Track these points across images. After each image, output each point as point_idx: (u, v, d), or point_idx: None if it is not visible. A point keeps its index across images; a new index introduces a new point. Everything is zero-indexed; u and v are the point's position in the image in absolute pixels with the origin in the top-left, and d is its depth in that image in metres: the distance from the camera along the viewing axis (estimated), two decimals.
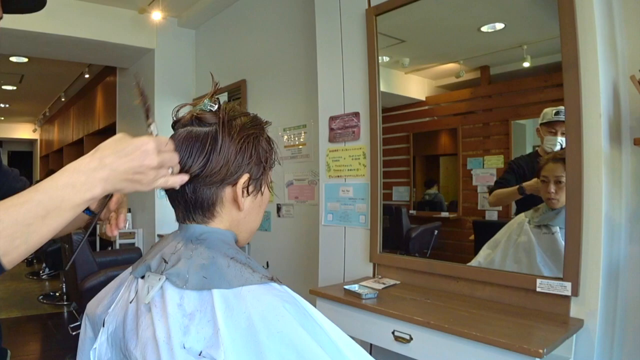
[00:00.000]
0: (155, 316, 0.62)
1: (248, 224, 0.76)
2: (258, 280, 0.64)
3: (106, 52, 4.42)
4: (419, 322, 1.53)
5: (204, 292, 0.62)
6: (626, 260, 1.56)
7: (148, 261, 0.71)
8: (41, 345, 3.79)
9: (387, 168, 2.26)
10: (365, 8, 2.26)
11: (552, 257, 1.65)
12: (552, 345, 1.29)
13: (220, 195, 0.70)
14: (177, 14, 4.24)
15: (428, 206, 2.36)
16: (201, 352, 0.57)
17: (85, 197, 0.59)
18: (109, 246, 4.94)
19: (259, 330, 0.57)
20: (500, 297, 1.71)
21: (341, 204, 2.42)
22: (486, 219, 1.98)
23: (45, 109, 9.71)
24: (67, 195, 0.58)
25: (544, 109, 1.73)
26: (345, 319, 1.79)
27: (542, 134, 1.74)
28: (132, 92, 0.75)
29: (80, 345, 0.80)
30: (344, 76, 2.40)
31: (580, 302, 1.49)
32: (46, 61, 5.32)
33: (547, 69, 1.77)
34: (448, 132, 2.27)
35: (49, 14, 3.67)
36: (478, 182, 1.99)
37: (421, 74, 2.32)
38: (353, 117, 2.35)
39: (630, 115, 1.56)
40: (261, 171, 0.73)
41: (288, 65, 3.19)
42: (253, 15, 3.58)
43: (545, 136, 1.73)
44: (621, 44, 1.57)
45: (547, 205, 1.72)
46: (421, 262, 2.03)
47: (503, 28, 1.94)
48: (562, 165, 1.56)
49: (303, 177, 3.03)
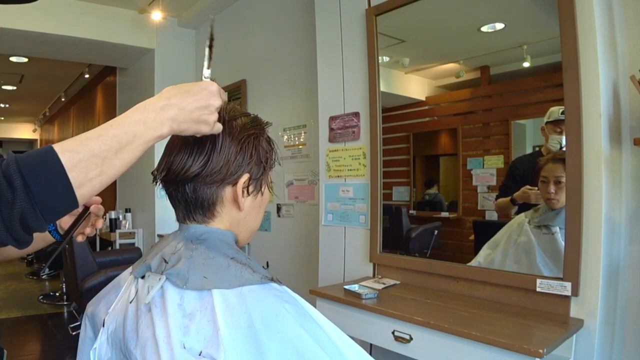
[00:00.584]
0: (155, 316, 0.62)
1: (248, 224, 0.76)
2: (258, 280, 0.64)
3: (106, 52, 4.42)
4: (419, 322, 1.53)
5: (204, 292, 0.62)
6: (626, 260, 1.56)
7: (148, 261, 0.71)
8: (41, 345, 3.79)
9: (387, 168, 2.26)
10: (365, 8, 2.26)
11: (552, 257, 1.65)
12: (552, 345, 1.29)
13: (221, 195, 0.70)
14: (177, 14, 4.24)
15: (428, 206, 2.36)
16: (201, 352, 0.57)
17: (155, 134, 0.61)
18: (109, 246, 4.94)
19: (259, 330, 0.57)
20: (500, 297, 1.71)
21: (341, 204, 2.42)
22: (486, 219, 1.98)
23: (45, 109, 9.71)
24: (139, 131, 0.59)
25: (550, 108, 1.72)
26: (345, 319, 1.79)
27: (547, 132, 1.74)
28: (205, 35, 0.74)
29: (80, 345, 0.80)
30: (344, 76, 2.40)
31: (580, 302, 1.49)
32: (46, 61, 5.32)
33: (547, 69, 1.77)
34: (448, 132, 2.27)
35: (49, 14, 3.67)
36: (478, 182, 1.99)
37: (421, 74, 2.32)
38: (353, 117, 2.35)
39: (630, 115, 1.56)
40: (261, 171, 0.73)
41: (288, 65, 3.19)
42: (253, 15, 3.58)
43: (550, 135, 1.72)
44: (621, 44, 1.57)
45: (547, 206, 1.72)
46: (421, 262, 2.03)
47: (503, 28, 1.94)
48: (562, 165, 1.56)
49: (303, 177, 3.03)
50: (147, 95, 0.72)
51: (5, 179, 0.51)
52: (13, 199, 0.51)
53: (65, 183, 0.54)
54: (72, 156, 0.54)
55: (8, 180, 0.51)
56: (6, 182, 0.51)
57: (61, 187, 0.54)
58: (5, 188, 0.51)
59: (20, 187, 0.51)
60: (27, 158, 0.53)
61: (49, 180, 0.53)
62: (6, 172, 0.52)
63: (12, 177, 0.51)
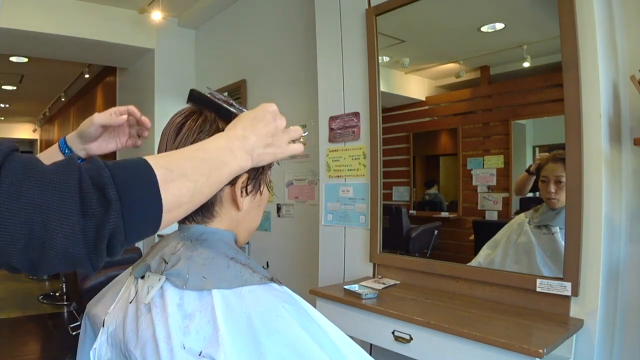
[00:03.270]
0: (155, 316, 0.62)
1: (248, 224, 0.76)
2: (258, 280, 0.64)
3: (106, 52, 4.42)
4: (419, 322, 1.53)
5: (203, 292, 0.62)
6: (626, 260, 1.56)
7: (148, 261, 0.71)
8: (41, 345, 3.79)
9: (387, 168, 2.26)
10: (365, 8, 2.26)
11: (552, 257, 1.65)
12: (552, 345, 1.29)
13: (219, 195, 0.70)
14: (177, 14, 4.23)
15: (428, 206, 2.36)
16: (201, 352, 0.57)
17: (241, 163, 0.57)
18: None
19: (259, 331, 0.57)
20: (500, 297, 1.71)
21: (341, 204, 2.42)
22: (486, 219, 1.98)
23: (45, 109, 9.71)
24: (227, 158, 0.55)
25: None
26: (345, 319, 1.79)
27: None
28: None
29: (80, 345, 0.80)
30: (344, 76, 2.40)
31: (580, 302, 1.49)
32: (46, 61, 5.31)
33: (547, 69, 1.77)
34: (448, 132, 2.27)
35: (49, 14, 3.67)
36: (478, 182, 1.99)
37: (421, 74, 2.32)
38: (353, 117, 2.35)
39: (630, 115, 1.56)
40: (260, 170, 0.73)
41: (288, 65, 3.19)
42: (253, 15, 3.58)
43: None
44: (621, 44, 1.57)
45: (547, 205, 1.72)
46: (421, 262, 2.03)
47: (503, 28, 1.94)
48: (563, 165, 1.56)
49: (303, 177, 3.03)
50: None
51: (96, 189, 0.42)
52: (105, 214, 0.42)
53: (156, 203, 0.45)
54: (167, 174, 0.46)
55: (101, 190, 0.42)
56: (97, 194, 0.42)
57: (152, 208, 0.45)
58: (95, 200, 0.41)
59: (115, 200, 0.42)
60: (118, 166, 0.45)
61: (143, 198, 0.45)
62: (97, 180, 0.42)
63: (106, 187, 0.42)
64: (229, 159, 0.55)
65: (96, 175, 0.43)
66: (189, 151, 0.53)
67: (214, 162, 0.53)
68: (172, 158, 0.50)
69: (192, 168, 0.50)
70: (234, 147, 0.57)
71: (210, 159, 0.53)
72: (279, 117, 0.64)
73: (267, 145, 0.61)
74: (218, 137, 0.58)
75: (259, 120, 0.62)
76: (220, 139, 0.57)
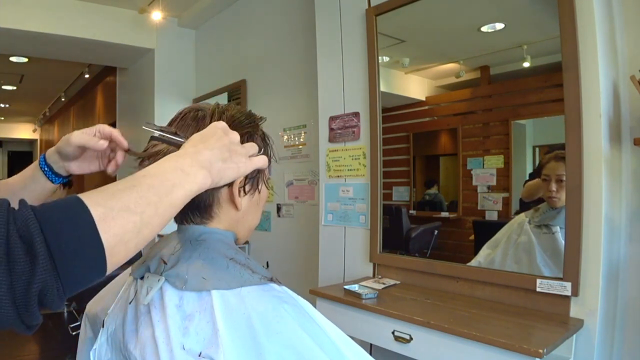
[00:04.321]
0: (154, 317, 0.62)
1: (247, 223, 0.75)
2: (257, 281, 0.63)
3: (106, 52, 4.42)
4: (419, 322, 1.53)
5: (203, 293, 0.62)
6: (626, 260, 1.56)
7: (147, 262, 0.71)
8: (41, 345, 3.79)
9: (387, 168, 2.26)
10: (365, 8, 2.26)
11: (552, 257, 1.65)
12: (552, 345, 1.29)
13: (217, 196, 0.69)
14: (177, 14, 4.23)
15: (428, 206, 2.36)
16: (200, 353, 0.57)
17: (198, 182, 0.53)
18: None
19: (258, 331, 0.57)
20: (500, 297, 1.71)
21: (341, 204, 2.42)
22: (486, 219, 1.98)
23: (45, 109, 9.71)
24: (178, 179, 0.51)
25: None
26: (345, 319, 1.79)
27: None
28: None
29: (80, 345, 0.80)
30: (344, 76, 2.40)
31: (580, 302, 1.49)
32: (46, 61, 5.32)
33: (547, 69, 1.77)
34: (448, 132, 2.27)
35: (49, 14, 3.67)
36: (478, 182, 1.99)
37: (421, 74, 2.32)
38: (353, 117, 2.35)
39: (630, 115, 1.56)
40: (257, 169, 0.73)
41: (288, 66, 3.19)
42: (253, 15, 3.58)
43: None
44: (621, 44, 1.57)
45: (548, 204, 1.72)
46: (421, 262, 2.03)
47: (503, 28, 1.94)
48: (564, 163, 1.55)
49: (303, 177, 3.03)
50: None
51: (23, 242, 0.38)
52: (32, 270, 0.38)
53: (96, 246, 0.42)
54: (105, 212, 0.43)
55: (28, 244, 0.38)
56: (24, 247, 0.38)
57: (92, 252, 0.42)
58: (21, 255, 0.38)
59: (43, 253, 0.38)
60: (47, 211, 0.41)
61: (77, 243, 0.41)
62: (24, 232, 0.39)
63: (33, 239, 0.38)
64: (181, 180, 0.52)
65: (23, 225, 0.39)
66: (133, 180, 0.49)
67: (163, 187, 0.50)
68: (111, 192, 0.46)
69: (138, 198, 0.47)
70: (185, 166, 0.53)
71: (158, 185, 0.50)
72: (231, 132, 0.61)
73: (225, 159, 0.58)
74: (166, 159, 0.55)
75: (210, 136, 0.59)
76: (168, 161, 0.54)
